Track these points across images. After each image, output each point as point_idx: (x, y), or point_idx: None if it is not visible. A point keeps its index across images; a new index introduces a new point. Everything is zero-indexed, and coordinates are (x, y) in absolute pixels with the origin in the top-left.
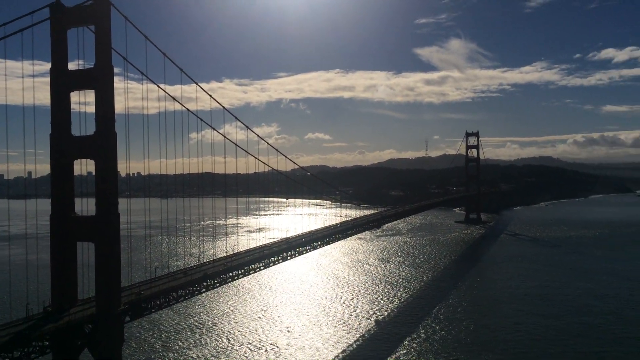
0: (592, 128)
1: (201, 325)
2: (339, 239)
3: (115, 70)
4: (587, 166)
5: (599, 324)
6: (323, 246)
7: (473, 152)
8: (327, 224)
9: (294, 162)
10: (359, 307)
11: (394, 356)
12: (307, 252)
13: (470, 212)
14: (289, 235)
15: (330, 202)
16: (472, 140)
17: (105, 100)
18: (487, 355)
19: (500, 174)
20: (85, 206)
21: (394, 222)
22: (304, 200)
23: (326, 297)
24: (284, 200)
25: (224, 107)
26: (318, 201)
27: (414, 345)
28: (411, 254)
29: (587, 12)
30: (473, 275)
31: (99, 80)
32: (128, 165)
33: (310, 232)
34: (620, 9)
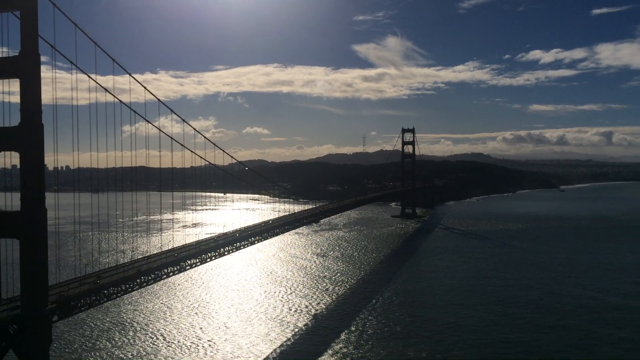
0: (520, 126)
1: (134, 324)
2: (276, 234)
3: (43, 58)
4: (516, 162)
5: (523, 314)
6: (260, 241)
7: (409, 148)
8: (265, 219)
9: (232, 157)
10: (296, 302)
11: (330, 350)
12: (244, 247)
13: (406, 206)
14: (226, 230)
15: (268, 197)
16: (408, 137)
17: (31, 90)
18: (419, 346)
19: (435, 169)
20: (9, 201)
21: (332, 217)
22: (242, 195)
23: (263, 293)
24: (222, 195)
25: (158, 99)
26: (256, 196)
27: (350, 337)
28: (348, 249)
29: (516, 14)
30: (407, 268)
31: (25, 69)
32: (56, 158)
33: (247, 227)
34: (547, 12)
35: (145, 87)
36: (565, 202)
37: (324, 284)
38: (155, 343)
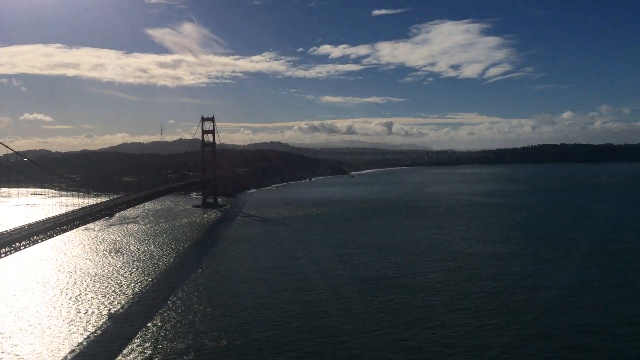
0: (314, 116)
1: None
2: (64, 231)
3: None
4: (311, 151)
5: (315, 297)
6: (45, 239)
7: (209, 137)
8: (51, 214)
9: (7, 147)
10: (88, 303)
11: (125, 350)
12: (25, 247)
13: (207, 196)
14: (1, 230)
15: (54, 191)
16: (208, 125)
17: None
18: (220, 333)
19: (236, 158)
20: None
21: (128, 210)
22: (21, 189)
23: (50, 296)
24: None
25: None
26: (39, 190)
27: (149, 335)
28: (145, 242)
29: (308, 9)
30: (209, 258)
31: None
32: None
33: (29, 225)
34: (334, 9)
35: None
36: (354, 186)
37: (120, 281)
38: None
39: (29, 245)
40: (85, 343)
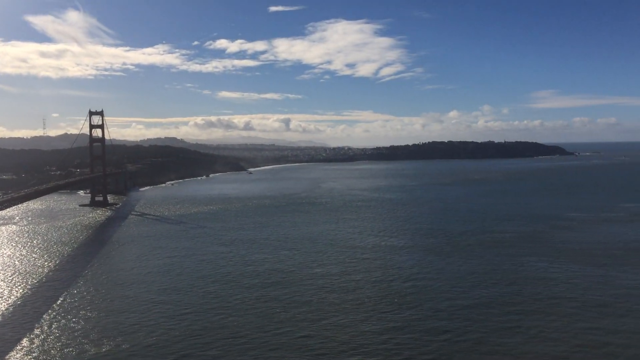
0: (211, 111)
1: None
2: None
3: None
4: (208, 147)
5: (209, 295)
6: None
7: (98, 132)
8: None
9: None
10: None
11: None
12: None
13: (96, 194)
14: None
15: None
16: (97, 120)
17: None
18: (100, 339)
19: (127, 154)
20: None
21: (7, 210)
22: None
23: None
24: None
25: None
26: None
27: (34, 347)
28: (25, 245)
29: (203, 2)
30: (99, 260)
31: None
32: None
33: None
34: (231, 3)
35: None
36: (252, 183)
37: None
38: None
39: None
40: None
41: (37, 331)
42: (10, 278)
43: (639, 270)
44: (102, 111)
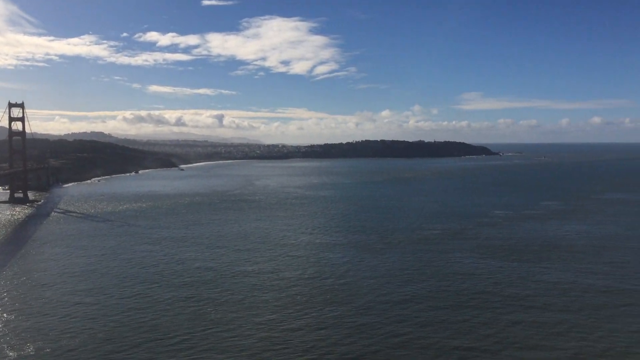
0: (141, 106)
1: None
2: None
3: None
4: (137, 142)
5: (136, 296)
6: None
7: (18, 125)
8: None
9: None
10: None
11: None
12: None
13: (16, 190)
14: None
15: None
16: (17, 112)
17: None
18: (18, 343)
19: (50, 149)
20: None
21: None
22: None
23: None
24: None
25: None
26: None
27: None
28: None
29: None
30: (18, 260)
31: None
32: None
33: None
34: None
35: None
36: (184, 180)
37: None
38: None
39: None
40: None
41: None
42: None
43: (557, 266)
44: (22, 103)
